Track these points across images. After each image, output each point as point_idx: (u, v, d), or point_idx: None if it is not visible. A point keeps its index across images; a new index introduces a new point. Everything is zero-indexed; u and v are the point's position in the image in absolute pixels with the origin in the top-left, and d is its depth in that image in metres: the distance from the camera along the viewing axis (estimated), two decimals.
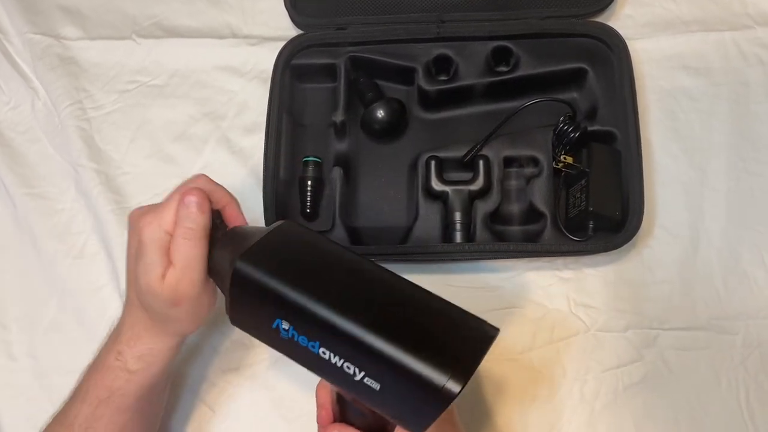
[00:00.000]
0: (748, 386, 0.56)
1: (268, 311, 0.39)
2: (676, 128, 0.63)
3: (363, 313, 0.37)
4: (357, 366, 0.37)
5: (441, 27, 0.63)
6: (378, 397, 0.37)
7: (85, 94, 0.69)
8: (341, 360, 0.37)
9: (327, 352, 0.38)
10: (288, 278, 0.39)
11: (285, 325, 0.39)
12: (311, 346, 0.38)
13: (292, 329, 0.38)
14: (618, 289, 0.59)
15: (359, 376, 0.37)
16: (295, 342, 0.39)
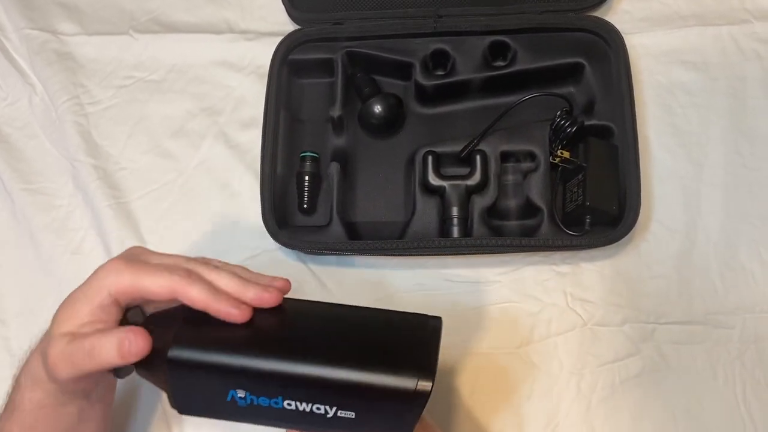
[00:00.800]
0: (745, 380, 0.56)
1: (217, 387, 0.38)
2: (674, 123, 0.63)
3: (312, 352, 0.37)
4: (327, 404, 0.37)
5: (438, 22, 0.63)
6: (357, 425, 0.38)
7: (83, 89, 0.69)
8: (309, 405, 0.37)
9: (292, 403, 0.38)
10: (226, 346, 0.38)
11: (240, 393, 0.38)
12: (274, 403, 0.38)
13: (249, 395, 0.38)
14: (615, 284, 0.59)
15: (332, 413, 0.37)
16: (256, 406, 0.38)
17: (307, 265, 0.62)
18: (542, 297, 0.59)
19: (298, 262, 0.63)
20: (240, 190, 0.65)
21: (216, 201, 0.65)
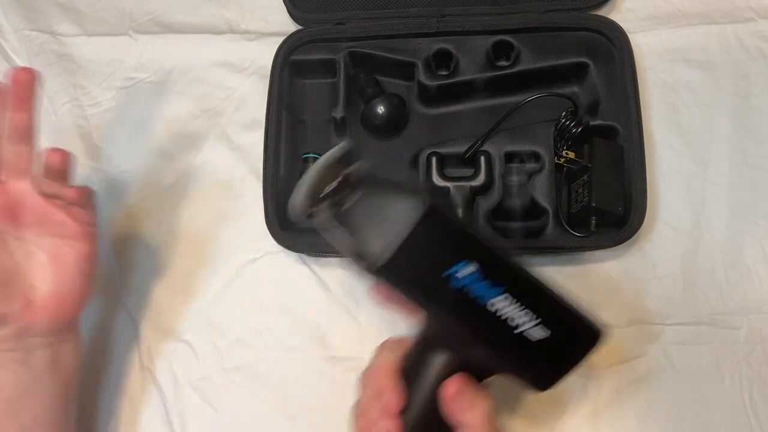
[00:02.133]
0: (752, 381, 0.56)
1: (447, 256, 0.37)
2: (678, 122, 0.63)
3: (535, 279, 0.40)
4: (534, 312, 0.39)
5: (441, 21, 0.62)
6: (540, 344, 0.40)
7: (83, 91, 0.68)
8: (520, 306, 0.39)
9: (508, 298, 0.39)
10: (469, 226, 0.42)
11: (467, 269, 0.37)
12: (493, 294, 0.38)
13: (476, 274, 0.38)
14: (621, 285, 0.59)
15: (530, 324, 0.39)
16: (465, 292, 0.38)
17: (309, 266, 0.62)
18: None
19: (300, 263, 0.62)
20: (242, 192, 0.65)
21: (218, 203, 0.65)
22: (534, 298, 0.40)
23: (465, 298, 0.38)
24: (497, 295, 0.38)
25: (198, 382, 0.60)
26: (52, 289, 0.45)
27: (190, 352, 0.61)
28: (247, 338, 0.61)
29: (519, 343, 0.39)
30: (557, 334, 0.40)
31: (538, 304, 0.40)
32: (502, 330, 0.39)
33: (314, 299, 0.61)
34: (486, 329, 0.39)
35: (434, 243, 0.38)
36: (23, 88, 0.44)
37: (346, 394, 0.59)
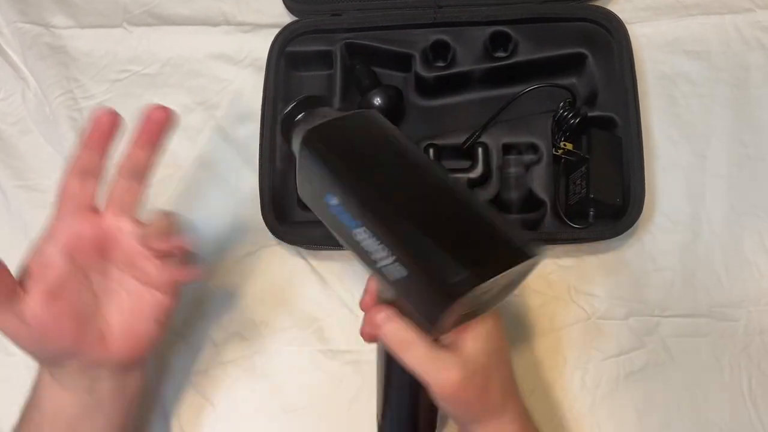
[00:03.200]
0: (751, 373, 0.56)
1: (322, 184, 0.41)
2: (677, 113, 0.62)
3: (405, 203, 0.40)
4: (389, 250, 0.38)
5: (438, 12, 0.62)
6: (401, 285, 0.39)
7: (76, 83, 0.68)
8: (377, 242, 0.39)
9: (366, 233, 0.39)
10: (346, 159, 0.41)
11: (334, 200, 0.41)
12: (353, 225, 0.40)
13: (340, 206, 0.40)
14: (619, 277, 0.59)
15: (389, 261, 0.39)
16: (338, 219, 0.41)
17: (306, 260, 0.62)
18: (545, 290, 0.59)
19: (297, 257, 0.62)
20: (238, 185, 0.64)
21: (214, 196, 0.64)
22: (388, 239, 0.38)
23: (339, 224, 0.41)
24: (356, 227, 0.40)
25: (194, 376, 0.60)
26: (126, 330, 0.45)
27: (187, 345, 0.61)
28: (244, 332, 0.61)
29: (393, 274, 0.39)
30: (415, 274, 0.38)
31: (390, 244, 0.38)
32: (369, 261, 0.40)
33: (311, 292, 0.61)
34: (359, 257, 0.41)
35: (310, 173, 0.42)
36: (155, 128, 0.44)
37: (344, 386, 0.59)
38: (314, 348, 0.60)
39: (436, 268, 0.37)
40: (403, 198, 0.40)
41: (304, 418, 0.58)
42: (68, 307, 0.42)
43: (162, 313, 0.46)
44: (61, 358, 0.43)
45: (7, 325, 0.40)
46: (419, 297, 0.39)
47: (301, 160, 0.42)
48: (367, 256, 0.40)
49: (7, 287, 0.40)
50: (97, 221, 0.44)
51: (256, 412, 0.59)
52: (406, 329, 0.40)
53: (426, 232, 0.38)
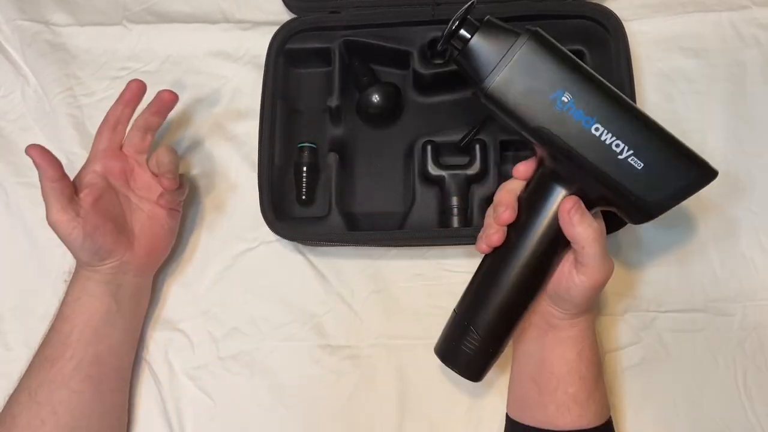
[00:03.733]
0: (746, 368, 0.56)
1: (552, 81, 0.43)
2: (674, 110, 0.63)
3: (631, 106, 0.43)
4: (626, 145, 0.43)
5: (436, 9, 0.62)
6: (632, 176, 0.43)
7: (76, 80, 0.68)
8: (613, 137, 0.43)
9: (600, 129, 0.43)
10: (570, 60, 0.44)
11: (566, 97, 0.43)
12: (585, 122, 0.43)
13: (572, 102, 0.43)
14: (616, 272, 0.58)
15: (625, 155, 0.43)
16: (568, 115, 0.43)
17: (305, 256, 0.62)
18: None
19: (296, 253, 0.62)
20: (237, 182, 0.64)
21: (213, 193, 0.65)
22: (626, 134, 0.43)
23: (569, 120, 0.43)
24: (591, 124, 0.43)
25: (194, 371, 0.60)
26: (146, 238, 0.57)
27: (186, 341, 0.61)
28: (243, 327, 0.61)
29: (625, 168, 0.43)
30: (651, 168, 0.43)
31: (630, 138, 0.43)
32: (607, 154, 0.43)
33: (310, 288, 0.61)
34: (591, 151, 0.43)
35: (536, 69, 0.43)
36: (164, 103, 0.58)
37: (342, 382, 0.59)
38: (313, 343, 0.60)
39: (673, 165, 0.43)
40: (626, 103, 0.43)
41: (302, 413, 0.59)
42: (108, 212, 0.55)
43: (171, 221, 0.59)
44: (102, 253, 0.54)
45: (67, 219, 0.52)
46: (649, 189, 0.43)
47: (522, 59, 0.43)
48: (598, 152, 0.43)
49: (68, 189, 0.53)
50: (122, 157, 0.58)
51: (255, 407, 0.59)
52: (593, 220, 0.46)
53: (657, 134, 0.43)
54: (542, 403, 0.50)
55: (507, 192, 0.49)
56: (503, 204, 0.48)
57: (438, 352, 0.51)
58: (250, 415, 0.59)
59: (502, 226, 0.48)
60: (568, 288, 0.48)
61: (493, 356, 0.49)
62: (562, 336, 0.50)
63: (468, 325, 0.49)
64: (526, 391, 0.52)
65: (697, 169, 0.44)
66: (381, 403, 0.58)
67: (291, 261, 0.62)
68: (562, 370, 0.50)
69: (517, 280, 0.48)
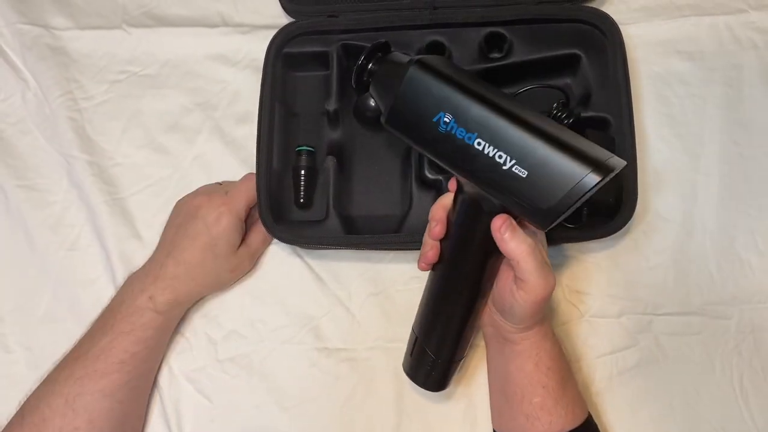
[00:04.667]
0: (742, 370, 0.57)
1: (433, 105, 0.45)
2: (670, 113, 0.63)
3: (515, 115, 0.43)
4: (508, 155, 0.43)
5: (433, 13, 0.62)
6: (520, 185, 0.43)
7: (76, 84, 0.68)
8: (495, 150, 0.43)
9: (482, 143, 0.43)
10: (451, 81, 0.45)
11: (447, 117, 0.44)
12: (467, 138, 0.44)
13: (453, 121, 0.44)
14: (612, 275, 0.59)
15: (509, 165, 0.43)
16: (452, 135, 0.44)
17: (303, 259, 0.62)
18: None
19: (294, 256, 0.63)
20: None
21: None
22: (506, 145, 0.43)
23: (453, 140, 0.44)
24: (472, 140, 0.44)
25: (192, 374, 0.60)
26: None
27: (185, 344, 0.61)
28: (241, 330, 0.61)
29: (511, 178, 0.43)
30: (536, 175, 0.42)
31: (512, 148, 0.43)
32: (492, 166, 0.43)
33: (307, 291, 0.62)
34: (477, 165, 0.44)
35: (416, 101, 0.45)
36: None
37: (339, 384, 0.59)
38: (310, 346, 0.60)
39: (558, 168, 0.42)
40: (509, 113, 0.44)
41: (300, 415, 0.59)
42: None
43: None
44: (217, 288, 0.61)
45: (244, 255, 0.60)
46: (538, 196, 0.43)
47: (406, 88, 0.45)
48: (484, 166, 0.44)
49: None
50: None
51: (254, 409, 0.59)
52: (526, 236, 0.46)
53: (540, 139, 0.42)
54: (513, 414, 0.51)
55: (439, 207, 0.50)
56: (434, 219, 0.49)
57: (405, 370, 0.54)
58: (248, 417, 0.59)
59: (436, 242, 0.49)
60: (511, 305, 0.48)
61: (445, 368, 0.51)
62: (518, 349, 0.51)
63: (420, 344, 0.51)
64: (500, 403, 0.53)
65: (585, 167, 0.41)
66: (378, 405, 0.59)
67: (289, 264, 0.62)
68: (523, 381, 0.50)
69: (454, 294, 0.49)
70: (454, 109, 0.44)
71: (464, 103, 0.44)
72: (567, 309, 0.59)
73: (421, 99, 0.45)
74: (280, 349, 0.61)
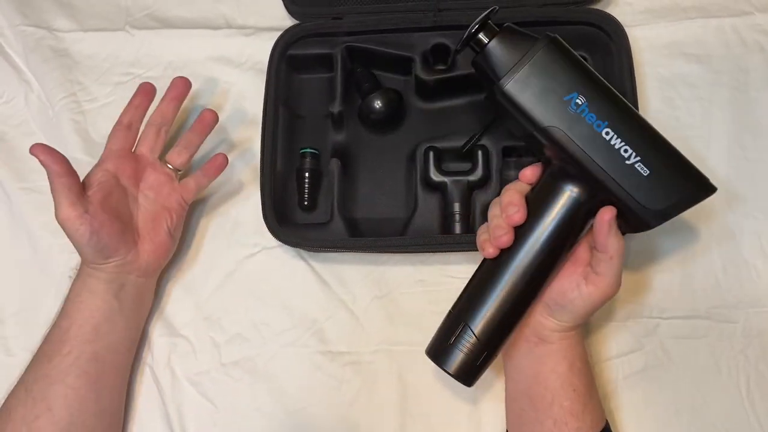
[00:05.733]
0: (749, 375, 0.56)
1: (567, 84, 0.45)
2: (676, 116, 0.63)
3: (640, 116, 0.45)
4: (634, 151, 0.44)
5: (438, 15, 0.62)
6: (639, 182, 0.44)
7: (79, 86, 0.68)
8: (622, 143, 0.44)
9: (611, 133, 0.44)
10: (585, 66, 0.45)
11: (580, 99, 0.44)
12: (597, 125, 0.44)
13: (585, 105, 0.44)
14: None
15: (632, 160, 0.44)
16: (581, 117, 0.44)
17: (307, 262, 0.62)
18: None
19: (298, 259, 0.62)
20: (240, 187, 0.65)
21: (216, 198, 0.65)
22: (636, 140, 0.44)
23: (580, 123, 0.44)
24: (601, 128, 0.44)
25: (196, 377, 0.60)
26: (150, 239, 0.58)
27: (189, 347, 0.61)
28: (245, 333, 0.61)
29: (631, 174, 0.44)
30: (657, 175, 0.44)
31: (638, 144, 0.44)
32: (615, 159, 0.44)
33: (311, 294, 0.61)
34: (600, 154, 0.45)
35: (554, 71, 0.45)
36: (178, 89, 0.60)
37: (344, 388, 0.59)
38: (314, 349, 0.60)
39: (680, 174, 0.44)
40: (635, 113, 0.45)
41: (304, 419, 0.59)
42: (115, 210, 0.55)
43: (172, 224, 0.59)
44: (108, 251, 0.54)
45: (75, 215, 0.52)
46: (654, 196, 0.44)
47: (540, 61, 0.45)
48: (607, 156, 0.44)
49: (77, 186, 0.53)
50: (135, 157, 0.59)
51: (257, 413, 0.59)
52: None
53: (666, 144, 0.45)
54: (539, 419, 0.50)
55: (516, 192, 0.49)
56: (514, 204, 0.48)
57: (430, 353, 0.50)
58: (251, 420, 0.59)
59: (512, 227, 0.48)
60: (573, 299, 0.48)
61: (487, 360, 0.49)
62: (553, 348, 0.50)
63: (465, 326, 0.48)
64: (522, 407, 0.52)
65: (698, 182, 0.45)
66: (382, 409, 0.58)
67: (293, 267, 0.62)
68: (555, 383, 0.50)
69: (520, 282, 0.48)
70: (589, 93, 0.44)
71: (599, 90, 0.45)
72: None
73: (558, 74, 0.45)
74: (284, 352, 0.60)
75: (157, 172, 0.59)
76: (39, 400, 0.52)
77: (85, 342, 0.54)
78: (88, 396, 0.53)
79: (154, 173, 0.59)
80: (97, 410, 0.55)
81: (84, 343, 0.54)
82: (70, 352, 0.53)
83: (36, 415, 0.52)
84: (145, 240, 0.58)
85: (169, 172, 0.60)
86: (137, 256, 0.56)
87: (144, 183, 0.59)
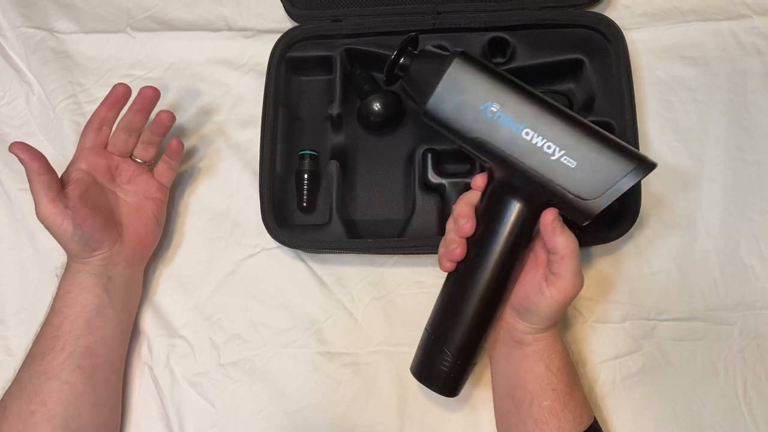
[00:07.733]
0: (746, 376, 0.56)
1: (480, 94, 0.46)
2: (674, 119, 0.63)
3: (559, 109, 0.45)
4: (557, 146, 0.45)
5: (437, 18, 0.62)
6: (568, 175, 0.45)
7: (80, 88, 0.69)
8: (543, 140, 0.45)
9: (531, 133, 0.45)
10: (496, 73, 0.46)
11: (494, 107, 0.45)
12: (515, 128, 0.45)
13: (500, 111, 0.45)
14: (615, 281, 0.59)
15: (557, 155, 0.45)
16: (499, 123, 0.45)
17: (306, 263, 0.62)
18: None
19: (296, 259, 0.63)
20: (239, 189, 0.65)
21: (215, 199, 0.65)
22: (558, 135, 0.45)
23: (501, 128, 0.45)
24: (520, 131, 0.45)
25: (195, 378, 0.60)
26: (134, 229, 0.59)
27: (188, 347, 0.61)
28: (244, 334, 0.61)
29: (560, 168, 0.45)
30: (585, 165, 0.44)
31: (560, 138, 0.45)
32: (541, 156, 0.45)
33: (310, 295, 0.62)
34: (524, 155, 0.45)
35: (461, 89, 0.46)
36: (146, 100, 0.59)
37: (342, 389, 0.59)
38: (313, 350, 0.60)
39: (607, 160, 0.44)
40: (553, 107, 0.45)
41: (303, 420, 0.59)
42: (95, 204, 0.56)
43: (157, 211, 0.60)
44: (93, 243, 0.55)
45: (56, 211, 0.53)
46: (586, 186, 0.44)
47: (452, 77, 0.46)
48: (532, 156, 0.45)
49: (56, 183, 0.54)
50: (107, 154, 0.59)
51: (256, 414, 0.59)
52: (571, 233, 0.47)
53: (589, 132, 0.45)
54: (521, 419, 0.51)
55: (466, 204, 0.49)
56: (464, 215, 0.49)
57: (414, 372, 0.52)
58: (250, 421, 0.59)
59: (463, 239, 0.48)
60: (537, 302, 0.48)
61: (464, 371, 0.50)
62: (529, 351, 0.51)
63: (439, 345, 0.50)
64: (507, 408, 0.52)
65: (632, 161, 0.44)
66: (381, 410, 0.59)
67: (292, 268, 0.62)
68: (534, 384, 0.50)
69: (481, 294, 0.48)
70: (501, 99, 0.45)
71: (511, 94, 0.45)
72: (571, 314, 0.59)
73: (468, 88, 0.46)
74: (283, 353, 0.60)
75: (131, 166, 0.60)
76: (34, 395, 0.52)
77: (79, 336, 0.54)
78: (83, 390, 0.54)
79: (128, 168, 0.60)
80: (93, 404, 0.55)
81: (77, 337, 0.54)
82: (63, 347, 0.54)
83: (31, 410, 0.52)
84: (129, 230, 0.58)
85: (141, 165, 0.61)
86: (123, 246, 0.57)
87: (120, 178, 0.60)
